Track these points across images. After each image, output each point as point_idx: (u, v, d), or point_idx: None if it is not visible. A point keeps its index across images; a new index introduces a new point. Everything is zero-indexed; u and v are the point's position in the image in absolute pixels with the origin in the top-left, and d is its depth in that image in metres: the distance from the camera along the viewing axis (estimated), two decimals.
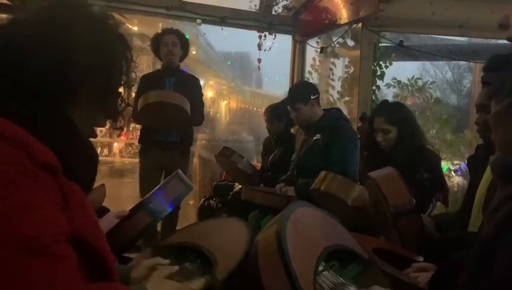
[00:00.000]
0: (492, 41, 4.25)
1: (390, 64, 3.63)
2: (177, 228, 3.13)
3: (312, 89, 2.76)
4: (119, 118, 0.93)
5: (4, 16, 0.84)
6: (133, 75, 0.92)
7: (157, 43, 3.15)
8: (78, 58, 0.79)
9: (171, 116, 2.91)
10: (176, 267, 1.02)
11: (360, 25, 3.43)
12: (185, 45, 3.17)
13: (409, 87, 4.56)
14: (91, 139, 0.92)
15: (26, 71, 0.76)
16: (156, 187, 1.62)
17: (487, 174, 1.52)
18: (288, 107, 2.77)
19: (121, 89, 0.90)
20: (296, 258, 0.93)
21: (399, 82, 4.32)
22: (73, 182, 0.77)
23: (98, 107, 0.87)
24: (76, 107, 0.82)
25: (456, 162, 4.57)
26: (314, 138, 2.64)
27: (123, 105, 0.91)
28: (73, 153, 0.79)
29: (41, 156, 0.70)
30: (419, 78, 4.76)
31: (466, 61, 4.91)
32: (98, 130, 0.96)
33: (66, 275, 0.67)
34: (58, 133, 0.77)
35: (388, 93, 4.49)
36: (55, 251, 0.66)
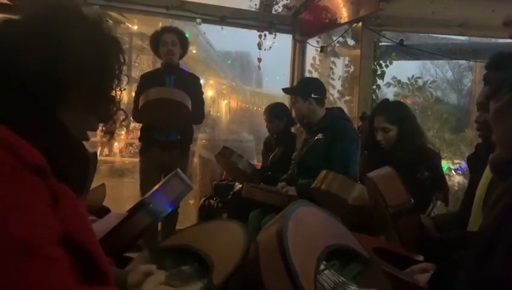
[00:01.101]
0: (493, 40, 4.25)
1: (391, 63, 3.63)
2: (177, 227, 3.14)
3: (316, 88, 2.74)
4: (111, 122, 0.93)
5: (3, 15, 0.84)
6: (133, 74, 0.92)
7: (156, 41, 3.15)
8: (70, 59, 0.79)
9: (172, 113, 2.90)
10: (163, 276, 1.00)
11: (360, 24, 3.43)
12: (184, 43, 3.17)
13: (409, 87, 4.57)
14: (89, 140, 0.91)
15: (17, 72, 0.75)
16: (156, 187, 1.61)
17: (487, 173, 1.52)
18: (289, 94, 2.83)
19: (113, 93, 0.90)
20: (296, 257, 0.93)
21: (399, 81, 4.32)
22: (64, 184, 0.76)
23: (90, 109, 0.86)
24: (68, 109, 0.81)
25: (456, 161, 4.57)
26: (316, 137, 2.65)
27: (115, 109, 0.91)
28: (64, 154, 0.78)
29: (29, 158, 0.70)
30: (419, 78, 4.76)
31: (466, 60, 4.91)
32: (99, 129, 0.96)
33: (58, 277, 0.66)
34: (48, 135, 0.77)
35: (388, 93, 4.50)
36: (47, 252, 0.66)
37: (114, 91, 0.89)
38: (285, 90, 2.96)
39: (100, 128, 0.94)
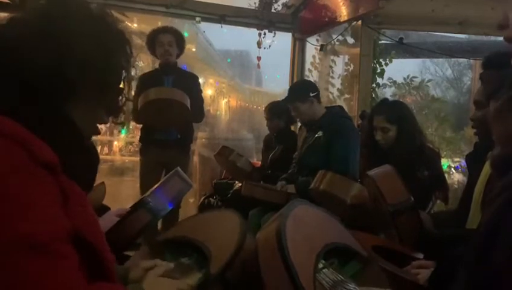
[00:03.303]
0: (492, 38, 4.24)
1: (390, 61, 3.63)
2: None
3: (310, 86, 2.77)
4: (121, 114, 0.93)
5: (3, 14, 0.84)
6: (133, 71, 0.92)
7: (152, 42, 3.13)
8: (76, 55, 0.79)
9: (171, 113, 2.89)
10: (172, 265, 1.01)
11: (359, 22, 3.43)
12: (180, 42, 3.16)
13: (405, 86, 4.57)
14: (99, 134, 0.92)
15: (24, 69, 0.76)
16: (156, 185, 1.62)
17: (485, 171, 1.52)
18: (289, 106, 2.79)
19: (121, 85, 0.90)
20: (296, 255, 0.93)
21: (394, 82, 4.32)
22: (73, 181, 0.77)
23: (98, 103, 0.86)
24: (76, 104, 0.82)
25: (456, 159, 4.58)
26: (316, 135, 2.65)
27: (123, 100, 0.91)
28: (73, 151, 0.79)
29: (41, 154, 0.70)
30: (415, 77, 4.75)
31: (466, 58, 4.92)
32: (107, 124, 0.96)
33: (67, 274, 0.67)
34: (58, 132, 0.77)
35: (386, 92, 4.49)
36: (56, 249, 0.66)
37: (122, 82, 0.89)
38: (287, 103, 2.87)
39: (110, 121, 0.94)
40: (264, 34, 4.17)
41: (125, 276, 0.99)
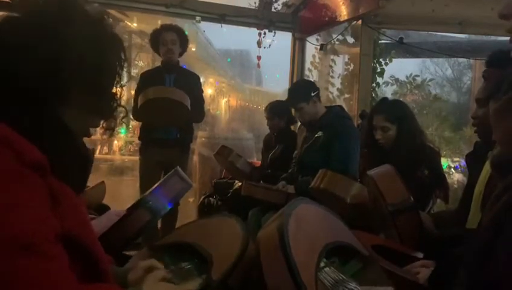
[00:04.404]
0: (492, 38, 4.25)
1: (390, 61, 3.63)
2: (176, 225, 3.14)
3: (311, 86, 2.78)
4: (112, 119, 0.92)
5: (2, 13, 0.83)
6: (132, 73, 0.92)
7: (156, 40, 3.14)
8: (70, 57, 0.78)
9: (171, 112, 2.90)
10: (164, 269, 1.01)
11: (359, 22, 3.43)
12: (184, 41, 3.17)
13: (407, 85, 4.58)
14: (90, 137, 0.91)
15: (17, 70, 0.75)
16: (156, 185, 1.61)
17: (485, 171, 1.52)
18: (291, 108, 2.79)
19: (114, 90, 0.89)
20: (297, 253, 0.93)
21: (397, 80, 4.32)
22: (63, 183, 0.76)
23: (91, 106, 0.86)
24: (69, 106, 0.81)
25: (455, 159, 4.58)
26: (316, 135, 2.65)
27: (115, 105, 0.90)
28: (64, 153, 0.78)
29: (29, 156, 0.70)
30: (417, 76, 4.76)
31: (466, 58, 4.92)
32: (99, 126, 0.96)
33: (57, 275, 0.66)
34: (48, 133, 0.76)
35: (387, 91, 4.50)
36: (45, 250, 0.66)
37: (115, 88, 0.89)
38: (289, 105, 2.90)
39: (101, 125, 0.94)
40: (264, 33, 4.17)
41: (124, 277, 0.99)
